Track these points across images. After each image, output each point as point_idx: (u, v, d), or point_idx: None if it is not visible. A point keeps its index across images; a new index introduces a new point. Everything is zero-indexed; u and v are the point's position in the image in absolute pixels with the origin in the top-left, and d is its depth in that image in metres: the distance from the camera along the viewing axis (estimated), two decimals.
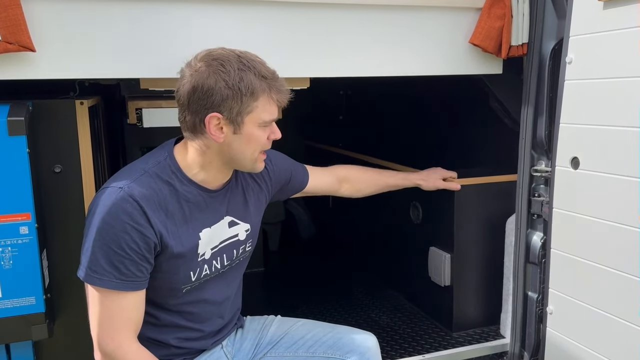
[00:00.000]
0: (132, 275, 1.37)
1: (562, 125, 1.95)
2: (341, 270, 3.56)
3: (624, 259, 1.74)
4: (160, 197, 1.41)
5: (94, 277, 1.35)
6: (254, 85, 1.38)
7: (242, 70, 1.38)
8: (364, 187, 2.14)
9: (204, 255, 1.52)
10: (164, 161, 1.46)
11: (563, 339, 2.02)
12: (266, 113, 1.43)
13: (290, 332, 1.72)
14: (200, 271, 1.53)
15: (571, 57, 1.90)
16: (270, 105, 1.44)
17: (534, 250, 2.21)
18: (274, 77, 1.44)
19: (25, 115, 1.62)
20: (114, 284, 1.35)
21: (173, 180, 1.45)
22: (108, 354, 1.38)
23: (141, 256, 1.37)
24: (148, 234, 1.37)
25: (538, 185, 2.20)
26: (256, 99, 1.40)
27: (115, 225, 1.34)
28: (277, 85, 1.43)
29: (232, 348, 1.70)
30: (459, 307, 2.53)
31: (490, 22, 2.09)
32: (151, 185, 1.41)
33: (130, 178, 1.40)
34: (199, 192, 1.49)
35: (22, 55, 1.61)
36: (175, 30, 1.77)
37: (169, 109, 2.52)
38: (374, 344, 1.71)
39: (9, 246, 1.63)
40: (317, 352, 1.68)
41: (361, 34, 2.01)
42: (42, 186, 1.74)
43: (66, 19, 1.66)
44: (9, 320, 1.66)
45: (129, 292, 1.38)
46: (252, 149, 1.46)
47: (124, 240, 1.34)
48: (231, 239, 1.60)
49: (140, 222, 1.36)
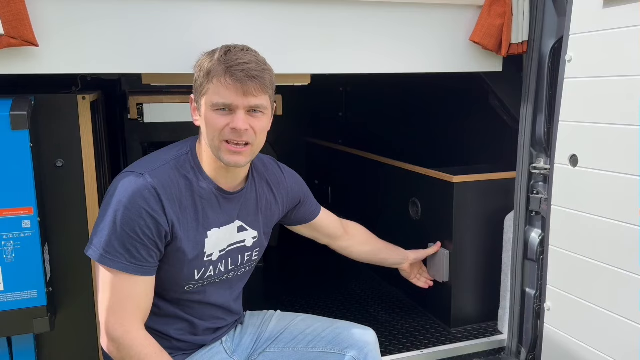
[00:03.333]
0: (142, 259, 1.40)
1: (561, 123, 1.96)
2: (340, 266, 3.57)
3: (622, 256, 1.75)
4: (176, 189, 1.45)
5: (106, 257, 1.38)
6: (212, 67, 1.43)
7: (213, 53, 1.46)
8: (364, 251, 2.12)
9: (211, 257, 1.54)
10: (185, 155, 1.51)
11: (560, 335, 2.03)
12: (216, 95, 1.43)
13: (290, 328, 1.73)
14: (205, 271, 1.54)
15: (571, 55, 1.91)
16: (221, 88, 1.42)
17: (532, 247, 2.22)
18: (238, 65, 1.41)
19: (28, 109, 1.62)
20: (125, 266, 1.38)
21: (190, 175, 1.49)
22: (116, 339, 1.40)
23: (152, 242, 1.41)
24: (161, 222, 1.41)
25: (537, 183, 2.21)
26: (210, 81, 1.43)
27: (131, 209, 1.38)
28: (233, 70, 1.41)
29: (232, 344, 1.71)
30: (457, 303, 2.54)
31: (490, 20, 2.10)
32: (170, 176, 1.45)
33: (151, 167, 1.45)
34: (213, 191, 1.52)
35: (24, 50, 1.61)
36: (177, 25, 1.77)
37: (170, 104, 2.53)
38: (373, 339, 1.72)
39: (11, 240, 1.64)
40: (317, 347, 1.69)
41: (362, 31, 2.01)
42: (44, 180, 1.75)
43: (68, 14, 1.66)
44: (11, 314, 1.67)
45: (139, 276, 1.41)
46: (211, 133, 1.46)
47: (138, 225, 1.38)
48: (238, 243, 1.62)
49: (156, 209, 1.40)
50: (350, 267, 3.50)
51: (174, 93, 2.69)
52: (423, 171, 2.65)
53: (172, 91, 2.76)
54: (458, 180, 2.43)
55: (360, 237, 2.11)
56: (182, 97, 2.57)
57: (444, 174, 2.49)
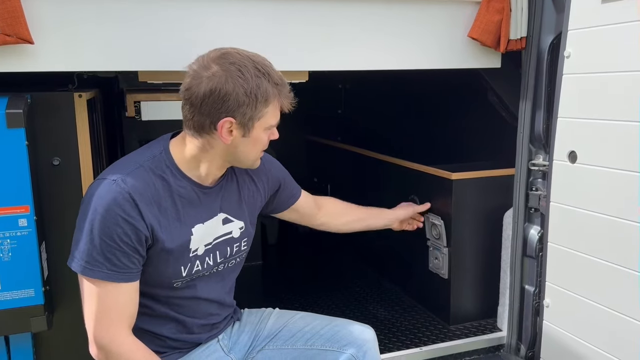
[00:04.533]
0: (123, 266, 1.38)
1: (560, 119, 1.96)
2: (339, 264, 3.57)
3: (621, 252, 1.75)
4: (153, 192, 1.42)
5: (86, 267, 1.36)
6: (268, 92, 1.41)
7: (259, 77, 1.39)
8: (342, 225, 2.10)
9: (197, 251, 1.52)
10: (159, 155, 1.47)
11: (560, 332, 2.03)
12: (273, 118, 1.47)
13: (288, 325, 1.72)
14: (192, 267, 1.53)
15: (569, 51, 1.90)
16: (277, 110, 1.47)
17: (531, 243, 2.22)
18: (283, 83, 1.46)
19: (24, 107, 1.62)
20: (106, 274, 1.36)
21: (167, 175, 1.45)
22: (103, 346, 1.39)
23: (132, 248, 1.38)
24: (139, 227, 1.38)
25: (536, 179, 2.20)
26: (267, 105, 1.43)
27: (107, 217, 1.35)
28: (285, 92, 1.46)
29: (229, 341, 1.70)
30: (456, 300, 2.54)
31: (489, 16, 2.09)
32: (145, 179, 1.41)
33: (124, 171, 1.41)
34: (192, 188, 1.49)
35: (20, 47, 1.61)
36: (173, 23, 1.77)
37: (167, 102, 2.52)
38: (371, 337, 1.71)
39: (8, 238, 1.63)
40: (315, 345, 1.68)
41: (360, 27, 2.01)
42: (40, 179, 1.74)
43: (64, 12, 1.65)
44: (8, 312, 1.66)
45: (122, 283, 1.39)
46: (256, 150, 1.50)
47: (115, 233, 1.35)
48: (225, 236, 1.60)
49: (133, 214, 1.37)
50: (349, 264, 3.51)
51: (172, 91, 2.68)
52: (422, 168, 2.65)
53: (170, 89, 2.75)
54: (457, 177, 2.43)
55: (334, 210, 2.08)
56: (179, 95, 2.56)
57: (442, 171, 2.49)
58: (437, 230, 2.53)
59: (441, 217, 2.51)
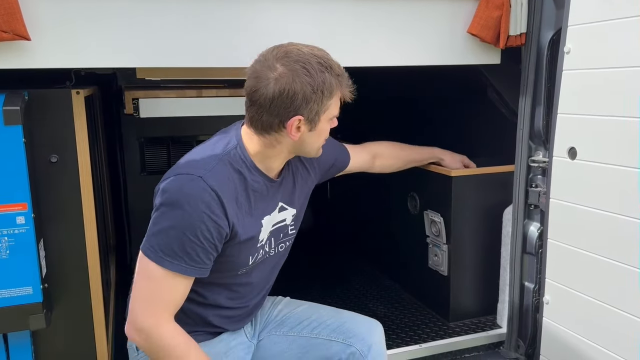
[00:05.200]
0: (201, 262, 1.42)
1: (560, 116, 1.95)
2: (339, 261, 3.57)
3: (621, 249, 1.74)
4: (232, 187, 1.45)
5: (166, 259, 1.38)
6: (332, 85, 1.43)
7: (322, 72, 1.41)
8: (394, 163, 2.23)
9: (262, 241, 1.58)
10: (235, 150, 1.48)
11: (559, 328, 2.03)
12: (336, 108, 1.49)
13: (296, 312, 1.76)
14: (257, 255, 1.59)
15: (569, 47, 1.89)
16: (339, 100, 1.49)
17: (531, 240, 2.22)
18: (343, 73, 1.47)
19: (21, 104, 1.61)
20: (184, 268, 1.40)
21: (243, 169, 1.48)
22: (144, 329, 1.40)
23: (212, 245, 1.42)
24: (222, 225, 1.42)
25: (535, 176, 2.20)
26: (332, 98, 1.45)
27: (193, 214, 1.37)
28: (345, 81, 1.48)
29: (252, 329, 1.76)
30: (455, 297, 2.54)
31: (488, 12, 2.08)
32: (226, 175, 1.44)
33: (207, 166, 1.43)
34: (264, 182, 1.53)
35: (16, 44, 1.60)
36: (171, 18, 1.76)
37: (166, 99, 2.52)
38: (378, 332, 1.74)
39: (6, 236, 1.63)
40: (321, 334, 1.70)
41: (359, 24, 2.00)
42: (38, 176, 1.73)
43: (61, 8, 1.64)
44: (7, 310, 1.66)
45: (190, 277, 1.43)
46: (321, 140, 1.53)
47: (199, 229, 1.38)
48: (279, 223, 1.64)
49: (217, 212, 1.40)
50: (349, 261, 3.50)
51: (170, 88, 2.67)
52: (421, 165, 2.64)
53: (168, 86, 2.75)
54: (456, 174, 2.42)
55: (388, 159, 2.19)
56: (177, 92, 2.55)
57: (442, 168, 2.48)
58: (436, 227, 2.53)
59: (441, 214, 2.51)
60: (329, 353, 1.68)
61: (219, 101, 2.52)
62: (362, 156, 2.05)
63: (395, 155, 2.22)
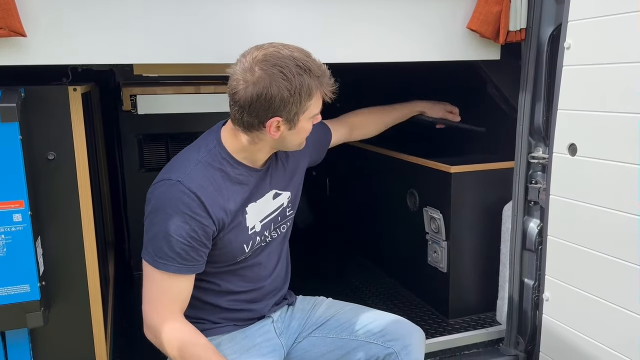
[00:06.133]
0: (192, 259, 1.50)
1: (560, 112, 1.94)
2: (338, 258, 3.57)
3: (621, 246, 1.74)
4: (214, 184, 1.52)
5: (160, 262, 1.48)
6: (311, 87, 1.46)
7: (301, 75, 1.44)
8: (374, 128, 2.24)
9: (255, 228, 1.63)
10: (214, 149, 1.56)
11: (559, 325, 2.02)
12: (316, 107, 1.53)
13: (337, 315, 1.78)
14: (254, 243, 1.64)
15: (569, 43, 1.88)
16: (320, 99, 1.53)
17: (530, 237, 2.21)
18: (323, 73, 1.50)
19: (18, 101, 1.59)
20: (177, 268, 1.49)
21: (224, 166, 1.55)
22: (152, 326, 1.51)
23: (201, 243, 1.50)
24: (206, 223, 1.49)
25: (535, 172, 2.19)
26: (311, 99, 1.49)
27: (175, 217, 1.46)
28: (326, 81, 1.50)
29: (282, 324, 1.77)
30: (455, 293, 2.54)
31: (488, 7, 2.07)
32: (205, 175, 1.51)
33: (185, 170, 1.50)
34: (248, 172, 1.59)
35: (12, 40, 1.58)
36: (168, 14, 1.74)
37: (164, 95, 2.51)
38: (418, 337, 1.74)
39: (3, 234, 1.61)
40: (360, 337, 1.73)
41: (357, 19, 1.99)
42: (35, 173, 1.72)
43: (57, 3, 1.63)
44: (4, 308, 1.65)
45: (188, 275, 1.52)
46: (301, 137, 1.58)
47: (184, 230, 1.46)
48: (277, 209, 1.70)
49: (199, 212, 1.47)
50: (348, 258, 3.50)
51: (168, 84, 2.66)
52: (420, 161, 2.64)
53: (166, 82, 2.73)
54: (456, 170, 2.42)
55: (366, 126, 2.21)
56: (175, 88, 2.54)
57: (441, 164, 2.48)
58: (436, 224, 2.52)
59: (440, 211, 2.50)
60: (367, 355, 1.71)
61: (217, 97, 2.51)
62: (340, 131, 2.08)
63: (374, 120, 2.23)
